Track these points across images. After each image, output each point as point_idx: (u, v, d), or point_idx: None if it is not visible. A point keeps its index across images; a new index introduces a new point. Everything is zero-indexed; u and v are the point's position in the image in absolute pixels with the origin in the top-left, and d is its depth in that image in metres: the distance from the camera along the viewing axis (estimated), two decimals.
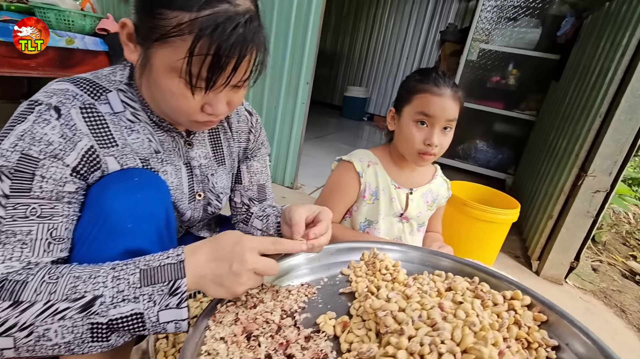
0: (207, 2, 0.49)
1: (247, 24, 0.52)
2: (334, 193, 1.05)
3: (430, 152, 0.93)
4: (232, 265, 0.51)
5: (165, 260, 0.50)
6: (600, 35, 1.85)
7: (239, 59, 0.52)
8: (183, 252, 0.51)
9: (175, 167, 0.70)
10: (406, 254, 0.80)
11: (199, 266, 0.51)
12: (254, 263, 0.52)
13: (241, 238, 0.53)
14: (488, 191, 1.66)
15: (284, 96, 2.00)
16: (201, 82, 0.53)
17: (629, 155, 1.46)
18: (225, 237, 0.54)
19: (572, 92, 2.03)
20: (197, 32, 0.49)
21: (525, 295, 0.64)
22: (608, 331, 1.42)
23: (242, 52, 0.52)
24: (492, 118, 3.17)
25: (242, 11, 0.51)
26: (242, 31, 0.51)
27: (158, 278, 0.48)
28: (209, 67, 0.51)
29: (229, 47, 0.50)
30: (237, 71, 0.53)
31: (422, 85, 0.91)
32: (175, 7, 0.49)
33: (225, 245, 0.53)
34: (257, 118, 0.85)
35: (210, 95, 0.56)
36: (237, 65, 0.53)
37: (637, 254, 2.58)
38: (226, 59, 0.51)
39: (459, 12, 4.84)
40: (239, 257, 0.51)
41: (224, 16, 0.50)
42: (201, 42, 0.49)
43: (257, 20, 0.54)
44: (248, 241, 0.53)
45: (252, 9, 0.53)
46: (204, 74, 0.51)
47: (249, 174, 0.86)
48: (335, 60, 5.76)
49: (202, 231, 0.90)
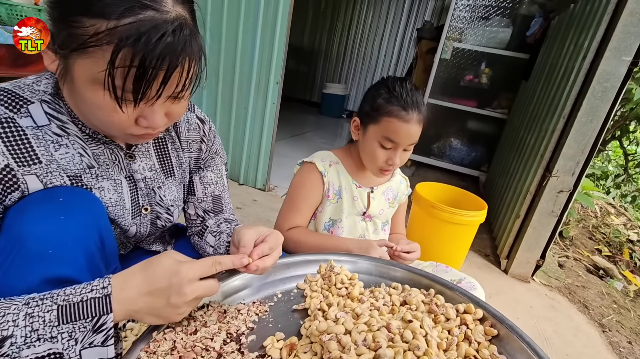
0: (129, 9, 0.45)
1: (177, 32, 0.48)
2: (299, 195, 1.03)
3: (391, 169, 0.96)
4: (169, 298, 0.48)
5: (89, 294, 0.45)
6: (565, 36, 1.89)
7: (168, 70, 0.48)
8: (110, 284, 0.47)
9: (115, 182, 0.65)
10: (363, 266, 0.78)
11: (131, 301, 0.47)
12: (193, 292, 0.49)
13: (179, 269, 0.49)
14: (457, 192, 1.68)
15: (254, 96, 1.95)
16: (128, 95, 0.49)
17: (591, 156, 1.50)
18: (160, 267, 0.50)
19: (539, 93, 2.08)
20: (117, 42, 0.45)
21: (477, 308, 0.64)
22: (571, 328, 1.47)
23: (173, 63, 0.48)
24: (465, 117, 3.22)
25: (170, 18, 0.47)
26: (170, 40, 0.47)
27: (80, 314, 0.44)
28: (134, 80, 0.47)
29: (155, 57, 0.46)
30: (168, 83, 0.50)
31: (390, 107, 0.89)
32: (92, 14, 0.45)
33: (160, 277, 0.49)
34: (210, 126, 0.81)
35: (143, 107, 0.52)
36: (168, 76, 0.49)
37: (602, 248, 2.69)
38: (153, 71, 0.47)
39: (435, 10, 4.88)
40: (177, 290, 0.48)
41: (149, 24, 0.45)
42: (122, 53, 0.45)
43: (189, 27, 0.50)
44: (187, 272, 0.49)
45: (183, 15, 0.49)
46: (129, 87, 0.47)
47: (203, 185, 0.82)
48: (313, 57, 5.72)
49: (154, 244, 0.85)
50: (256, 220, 1.76)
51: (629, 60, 1.37)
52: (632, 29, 1.35)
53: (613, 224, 3.18)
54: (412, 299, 0.67)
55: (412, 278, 0.75)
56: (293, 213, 1.01)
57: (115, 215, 0.66)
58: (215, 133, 0.83)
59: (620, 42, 1.38)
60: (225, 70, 2.00)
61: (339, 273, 0.73)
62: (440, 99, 3.18)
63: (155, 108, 0.53)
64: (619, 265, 2.46)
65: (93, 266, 0.55)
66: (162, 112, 0.55)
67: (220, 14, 1.90)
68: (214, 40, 1.96)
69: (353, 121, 0.99)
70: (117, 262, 0.68)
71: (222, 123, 2.11)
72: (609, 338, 1.47)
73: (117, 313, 0.46)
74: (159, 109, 0.54)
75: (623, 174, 3.97)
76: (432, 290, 0.70)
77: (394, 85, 0.90)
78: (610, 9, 1.43)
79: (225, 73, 2.00)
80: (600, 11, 1.49)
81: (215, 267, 0.53)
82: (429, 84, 3.15)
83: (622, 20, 1.36)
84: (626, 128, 3.51)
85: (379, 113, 0.90)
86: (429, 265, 1.12)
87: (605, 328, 1.53)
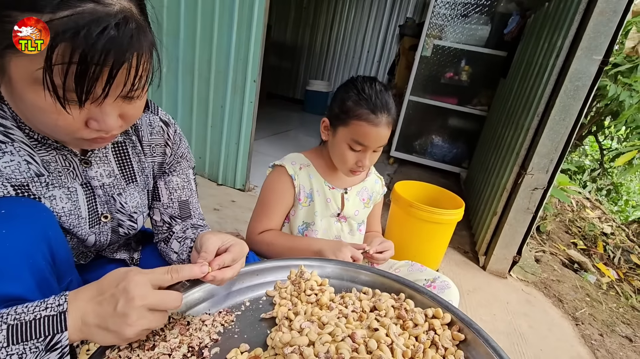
0: (65, 2, 0.42)
1: (121, 26, 0.45)
2: (270, 199, 1.01)
3: (360, 170, 0.96)
4: (117, 304, 0.45)
5: (43, 312, 0.43)
6: (540, 35, 1.92)
7: (114, 66, 0.45)
8: (66, 301, 0.45)
9: (68, 190, 0.62)
10: (334, 270, 0.77)
11: (80, 311, 0.45)
12: (142, 298, 0.46)
13: (127, 273, 0.47)
14: (435, 190, 1.69)
15: (231, 95, 1.91)
16: (71, 95, 0.45)
17: (564, 153, 1.53)
18: (110, 276, 0.48)
19: (516, 91, 2.10)
20: (53, 36, 0.41)
21: (446, 313, 0.63)
22: (546, 322, 1.50)
23: (118, 59, 0.45)
24: (446, 114, 3.25)
25: (114, 12, 0.44)
26: (114, 34, 0.44)
27: (32, 334, 0.42)
28: (75, 77, 0.44)
29: (98, 53, 0.43)
30: (115, 81, 0.47)
31: (359, 111, 0.88)
32: (24, 7, 0.41)
33: (109, 284, 0.47)
34: (175, 129, 0.77)
35: (93, 108, 0.49)
36: (114, 74, 0.46)
37: (578, 241, 2.76)
38: (97, 67, 0.44)
39: (417, 7, 4.89)
40: (124, 295, 0.45)
41: (89, 17, 0.42)
42: (60, 48, 0.42)
43: (135, 21, 0.47)
44: (135, 276, 0.47)
45: (128, 8, 0.46)
46: (70, 85, 0.44)
47: (168, 190, 0.79)
48: (296, 54, 5.67)
49: (118, 253, 0.82)
50: (234, 222, 1.73)
51: (600, 59, 1.40)
52: (602, 29, 1.38)
53: (588, 218, 3.28)
54: (382, 305, 0.66)
55: (384, 282, 0.74)
56: (265, 216, 1.00)
57: (69, 224, 0.63)
58: (181, 136, 0.79)
59: (591, 41, 1.40)
60: (200, 67, 1.95)
61: (309, 279, 0.72)
62: (422, 96, 3.20)
63: (106, 109, 0.50)
64: (593, 258, 2.54)
65: (42, 281, 0.52)
66: (115, 113, 0.52)
67: (195, 9, 1.85)
68: (188, 36, 1.91)
69: (322, 122, 0.97)
70: (74, 273, 0.65)
71: (198, 122, 2.06)
72: (582, 331, 1.51)
73: (71, 329, 0.44)
74: (110, 110, 0.51)
75: (599, 168, 4.10)
76: (402, 294, 0.70)
77: (363, 87, 0.89)
78: (582, 8, 1.45)
79: (201, 70, 1.95)
80: (572, 10, 1.51)
81: (171, 275, 0.50)
82: (410, 81, 3.16)
83: (592, 19, 1.38)
84: (601, 124, 3.62)
85: (348, 116, 0.89)
86: (405, 264, 1.12)
87: (578, 321, 1.57)
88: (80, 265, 0.75)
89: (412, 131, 3.36)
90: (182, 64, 1.96)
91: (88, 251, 0.74)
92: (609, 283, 2.16)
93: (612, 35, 1.37)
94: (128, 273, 0.48)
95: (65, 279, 0.60)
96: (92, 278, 0.77)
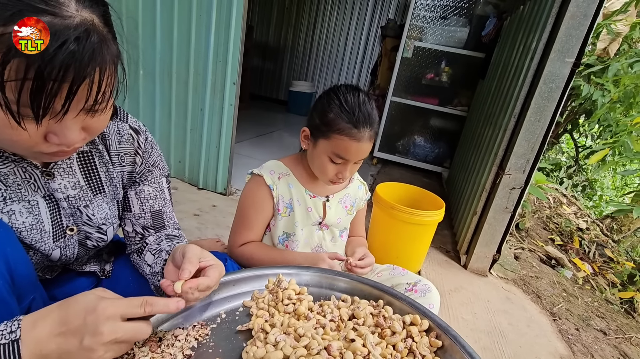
0: (17, 14, 0.39)
1: (82, 39, 0.42)
2: (249, 211, 0.99)
3: (340, 182, 0.95)
4: (83, 339, 0.42)
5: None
6: (515, 37, 1.96)
7: (74, 82, 0.43)
8: (19, 328, 0.42)
9: (29, 203, 0.59)
10: (313, 278, 0.76)
11: (41, 343, 0.42)
12: (112, 333, 0.43)
13: (97, 304, 0.44)
14: (417, 192, 1.70)
15: (210, 97, 1.88)
16: (26, 110, 0.43)
17: (540, 153, 1.56)
18: (76, 304, 0.45)
19: (494, 92, 2.15)
20: (5, 51, 0.39)
21: (424, 319, 0.63)
22: (524, 319, 1.53)
23: (79, 74, 0.43)
24: (428, 114, 3.29)
25: (74, 24, 0.42)
26: (74, 48, 0.42)
27: None
28: (31, 94, 0.41)
29: (56, 68, 0.41)
30: (75, 97, 0.44)
31: (341, 124, 0.86)
32: None
33: (75, 315, 0.44)
34: (146, 137, 0.75)
35: (51, 123, 0.46)
36: (74, 89, 0.43)
37: (555, 237, 2.85)
38: (54, 84, 0.42)
39: (399, 8, 4.94)
40: (92, 329, 0.43)
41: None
42: (13, 64, 0.39)
43: (98, 34, 0.44)
44: (106, 309, 0.44)
45: (90, 20, 0.44)
46: (25, 101, 0.42)
47: (140, 201, 0.76)
48: (279, 55, 5.63)
49: (87, 265, 0.78)
50: (215, 227, 1.70)
51: (572, 61, 1.44)
52: (574, 32, 1.42)
53: (565, 214, 3.38)
54: (360, 313, 0.65)
55: (363, 289, 0.74)
56: (245, 228, 0.98)
57: (31, 239, 0.60)
58: (152, 144, 0.77)
59: (564, 44, 1.44)
60: (178, 69, 1.90)
61: (287, 288, 0.70)
62: (404, 97, 3.23)
63: (67, 124, 0.47)
64: (570, 253, 2.62)
65: (1, 302, 0.49)
66: (77, 127, 0.49)
67: (171, 10, 1.81)
68: (165, 38, 1.86)
69: (302, 131, 0.95)
70: (39, 290, 0.62)
71: (177, 125, 2.02)
72: (559, 326, 1.55)
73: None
74: (72, 124, 0.48)
75: (574, 165, 4.24)
76: (380, 301, 0.69)
77: (346, 98, 0.86)
78: (554, 12, 1.48)
79: (179, 73, 1.91)
80: (545, 14, 1.55)
81: (145, 309, 0.47)
82: (392, 82, 3.18)
83: (564, 23, 1.42)
84: (576, 122, 3.74)
85: (330, 129, 0.87)
86: (387, 268, 1.12)
87: (555, 316, 1.62)
88: (47, 280, 0.72)
89: (395, 131, 3.39)
90: (160, 66, 1.92)
91: (54, 265, 0.70)
92: (584, 277, 2.23)
93: (584, 38, 1.41)
94: (99, 304, 0.44)
95: (26, 298, 0.57)
96: (59, 293, 0.74)
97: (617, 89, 2.63)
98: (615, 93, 2.63)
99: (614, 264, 2.66)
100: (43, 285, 0.65)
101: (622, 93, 2.64)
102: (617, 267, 2.63)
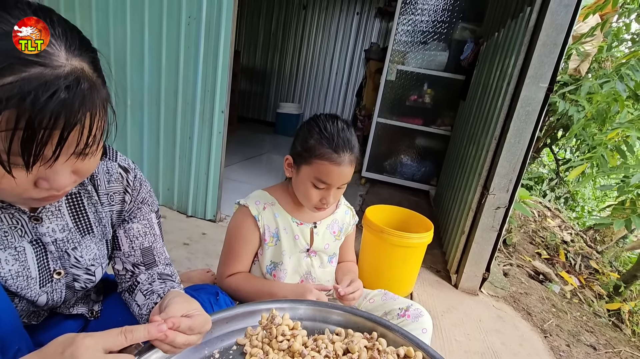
0: (7, 68, 0.40)
1: (72, 87, 0.43)
2: (236, 242, 1.00)
3: (325, 207, 0.96)
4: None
5: None
6: (492, 62, 2.05)
7: (65, 129, 0.44)
8: None
9: (15, 250, 0.58)
10: (306, 312, 0.76)
11: None
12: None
13: (75, 338, 0.44)
14: (405, 213, 1.73)
15: (199, 126, 1.89)
16: (17, 159, 0.43)
17: (521, 172, 1.62)
18: (55, 342, 0.45)
19: (475, 113, 2.23)
20: None
21: (417, 351, 0.64)
22: (517, 337, 1.54)
23: (70, 121, 0.44)
24: (413, 134, 3.37)
25: (64, 73, 0.43)
26: (64, 97, 0.43)
27: None
28: (22, 143, 0.42)
29: (46, 117, 0.42)
30: (66, 143, 0.45)
31: (322, 150, 0.89)
32: None
33: (54, 350, 0.44)
34: (135, 174, 0.75)
35: (42, 169, 0.47)
36: (65, 136, 0.44)
37: (541, 251, 2.90)
38: (46, 131, 0.42)
39: (381, 32, 5.12)
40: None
41: (36, 82, 0.41)
42: (4, 115, 0.40)
43: (88, 80, 0.46)
44: (84, 339, 0.44)
45: (79, 68, 0.45)
46: (16, 150, 0.42)
47: (129, 239, 0.75)
48: (266, 77, 5.73)
49: (75, 307, 0.77)
50: (205, 256, 1.68)
51: (545, 86, 1.51)
52: (545, 59, 1.50)
53: (550, 227, 3.46)
54: (355, 347, 0.66)
55: (356, 321, 0.74)
56: (232, 260, 0.99)
57: (17, 287, 0.59)
58: (142, 181, 0.77)
59: (537, 70, 1.52)
60: (167, 98, 1.92)
61: (281, 324, 0.70)
62: (389, 118, 3.31)
63: (57, 169, 0.48)
64: (556, 267, 2.67)
65: None
66: (67, 171, 0.50)
67: (159, 39, 1.84)
68: (153, 66, 1.89)
69: (286, 159, 0.98)
70: (23, 339, 0.60)
71: (166, 153, 2.01)
72: (550, 343, 1.56)
73: None
74: (62, 169, 0.49)
75: (556, 178, 4.37)
76: (374, 333, 0.70)
77: (325, 125, 0.91)
78: (526, 40, 1.57)
79: (167, 102, 1.92)
80: (518, 41, 1.64)
81: (125, 336, 0.47)
82: (377, 104, 3.27)
83: (536, 50, 1.50)
84: (555, 136, 3.88)
85: (311, 155, 0.90)
86: (378, 294, 1.12)
87: (546, 333, 1.63)
88: (32, 326, 0.70)
89: (382, 151, 3.45)
90: (148, 95, 1.93)
91: (40, 310, 0.69)
92: (572, 291, 2.27)
93: (555, 64, 1.50)
94: (76, 337, 0.45)
95: (11, 349, 0.55)
96: (45, 338, 0.72)
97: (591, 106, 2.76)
98: (589, 110, 2.75)
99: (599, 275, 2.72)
100: (28, 331, 0.64)
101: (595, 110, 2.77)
102: (603, 278, 2.69)
